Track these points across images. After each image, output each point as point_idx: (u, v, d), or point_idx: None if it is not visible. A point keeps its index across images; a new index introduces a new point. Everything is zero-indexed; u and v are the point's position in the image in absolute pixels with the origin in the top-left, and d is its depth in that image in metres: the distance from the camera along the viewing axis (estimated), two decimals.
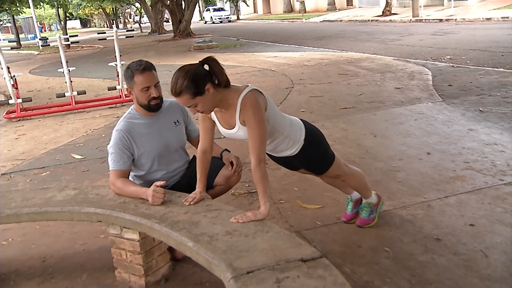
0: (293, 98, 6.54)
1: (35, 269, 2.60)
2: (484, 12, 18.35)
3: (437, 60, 8.64)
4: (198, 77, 1.97)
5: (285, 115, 2.30)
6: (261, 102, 2.05)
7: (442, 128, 4.47)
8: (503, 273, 2.17)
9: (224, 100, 2.06)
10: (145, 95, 2.39)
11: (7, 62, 7.05)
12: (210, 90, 1.99)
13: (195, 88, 1.96)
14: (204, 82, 1.98)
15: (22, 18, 42.29)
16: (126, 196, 2.36)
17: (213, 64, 2.02)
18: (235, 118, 2.07)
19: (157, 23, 32.96)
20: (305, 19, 30.04)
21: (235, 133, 2.14)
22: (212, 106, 2.08)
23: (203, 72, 2.00)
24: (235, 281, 1.57)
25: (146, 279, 2.30)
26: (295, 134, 2.27)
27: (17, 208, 2.38)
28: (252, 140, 2.02)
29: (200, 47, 16.31)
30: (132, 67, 2.39)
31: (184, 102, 2.01)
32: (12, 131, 6.27)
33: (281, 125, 2.21)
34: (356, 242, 2.56)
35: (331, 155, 2.43)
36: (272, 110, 2.15)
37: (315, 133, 2.39)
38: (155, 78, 2.42)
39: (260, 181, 2.02)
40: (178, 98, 2.00)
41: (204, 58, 2.04)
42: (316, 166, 2.46)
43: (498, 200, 2.88)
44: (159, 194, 2.22)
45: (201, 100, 2.00)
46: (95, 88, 9.17)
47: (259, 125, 2.01)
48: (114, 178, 2.39)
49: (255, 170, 2.01)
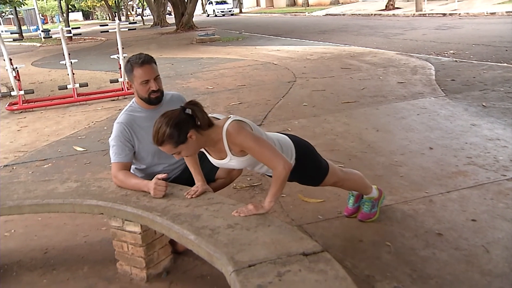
0: (295, 92, 6.52)
1: (37, 260, 2.61)
2: (489, 6, 18.23)
3: (440, 55, 8.60)
4: (180, 125, 1.94)
5: (273, 138, 2.24)
6: (245, 126, 2.02)
7: (445, 123, 4.46)
8: (504, 269, 2.17)
9: (209, 140, 2.04)
10: (145, 88, 2.39)
11: (9, 54, 7.04)
12: (193, 137, 1.97)
13: (178, 136, 1.94)
14: (186, 129, 1.95)
15: (24, 10, 42.18)
16: (128, 188, 2.36)
17: (195, 109, 1.98)
18: (225, 150, 2.05)
19: (159, 15, 32.85)
20: (307, 12, 29.91)
21: (228, 163, 2.12)
22: (196, 150, 2.09)
23: (185, 119, 1.96)
24: (237, 274, 1.57)
25: (148, 271, 2.31)
26: (286, 156, 2.22)
27: (19, 200, 2.39)
28: (262, 158, 2.01)
29: (202, 40, 16.26)
30: (131, 60, 2.39)
31: (167, 150, 2.00)
32: (14, 123, 6.27)
33: None
34: (358, 236, 2.56)
35: (325, 166, 2.41)
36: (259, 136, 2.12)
37: (305, 148, 2.36)
38: (155, 71, 2.41)
39: (279, 183, 2.00)
40: (161, 147, 1.99)
41: (186, 102, 2.01)
42: (311, 180, 2.46)
43: (500, 196, 2.87)
44: (161, 187, 2.22)
45: (184, 148, 1.99)
46: (97, 81, 9.16)
47: (256, 141, 1.99)
48: (115, 170, 2.40)
49: (281, 172, 1.97)
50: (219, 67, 9.60)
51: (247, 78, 7.94)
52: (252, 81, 7.61)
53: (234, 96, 6.62)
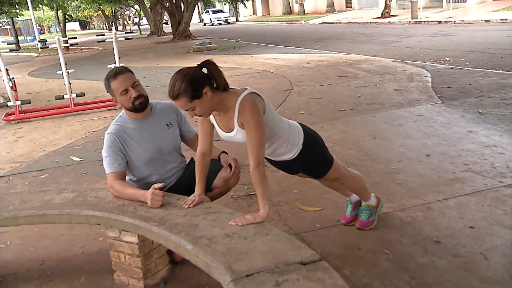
0: (292, 100, 6.54)
1: (33, 271, 2.59)
2: (483, 14, 18.38)
3: (436, 62, 8.65)
4: (196, 80, 1.96)
5: (284, 119, 2.29)
6: (259, 105, 2.04)
7: (442, 130, 4.47)
8: (503, 276, 2.16)
9: (223, 103, 2.05)
10: (126, 98, 2.39)
11: (6, 64, 7.05)
12: (208, 94, 1.98)
13: (193, 91, 1.95)
14: (202, 85, 1.97)
15: (21, 20, 42.28)
16: (125, 198, 2.35)
17: (212, 67, 2.01)
18: (234, 121, 2.07)
19: (156, 25, 32.98)
20: (304, 21, 30.07)
21: (234, 136, 2.13)
22: (210, 110, 2.07)
23: (201, 75, 1.99)
24: (234, 284, 1.56)
25: (145, 282, 2.29)
26: (293, 138, 2.27)
27: (15, 211, 2.37)
28: (250, 142, 2.01)
29: (199, 49, 16.31)
30: (107, 76, 2.41)
31: (182, 105, 2.00)
32: (11, 133, 6.25)
33: (279, 129, 2.20)
34: (356, 244, 2.55)
35: (330, 159, 2.42)
36: (270, 114, 2.14)
37: (313, 137, 2.38)
38: (132, 79, 2.41)
39: (259, 184, 2.01)
40: (176, 101, 1.99)
41: (203, 61, 2.04)
42: (315, 170, 2.45)
43: (498, 202, 2.87)
44: (158, 197, 2.22)
45: (199, 104, 1.99)
46: (94, 90, 9.16)
47: (258, 127, 2.00)
48: (111, 181, 2.39)
49: (254, 172, 2.00)
50: None
51: (244, 87, 7.94)
52: None
53: None
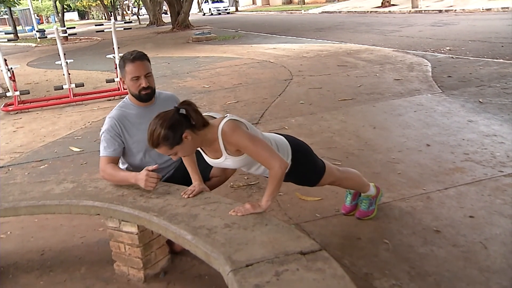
0: (292, 90, 6.51)
1: (33, 262, 2.60)
2: (484, 2, 18.25)
3: (437, 51, 8.60)
4: (175, 127, 1.92)
5: (270, 138, 2.23)
6: (241, 126, 2.01)
7: (442, 119, 4.46)
8: (502, 265, 2.17)
9: (205, 139, 2.02)
10: (136, 84, 2.40)
11: (4, 54, 7.01)
12: (189, 137, 1.95)
13: (173, 138, 1.92)
14: (181, 130, 1.93)
15: (19, 10, 42.04)
16: (116, 182, 2.37)
17: (189, 108, 1.96)
18: (221, 150, 2.04)
19: (155, 15, 32.77)
20: (304, 10, 29.90)
21: (223, 162, 2.11)
22: (192, 150, 2.07)
23: (179, 119, 1.94)
24: (234, 274, 1.56)
25: (145, 272, 2.30)
26: (282, 156, 2.22)
27: (15, 202, 2.37)
28: (261, 158, 1.98)
29: (198, 39, 16.23)
30: (124, 56, 2.42)
31: (164, 152, 1.99)
32: (10, 124, 6.24)
33: None
34: (355, 234, 2.56)
35: (321, 166, 2.40)
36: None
37: (301, 149, 2.34)
38: (146, 68, 2.41)
39: (276, 182, 1.98)
40: (157, 149, 1.97)
41: (180, 102, 2.00)
42: (308, 180, 2.45)
43: (498, 192, 2.87)
44: (152, 179, 2.20)
45: (180, 148, 1.97)
46: (93, 81, 9.13)
47: (253, 141, 1.97)
48: (103, 164, 2.41)
49: (278, 171, 1.96)
50: (215, 66, 9.58)
51: (243, 77, 7.92)
52: (249, 80, 7.60)
53: (231, 94, 6.60)
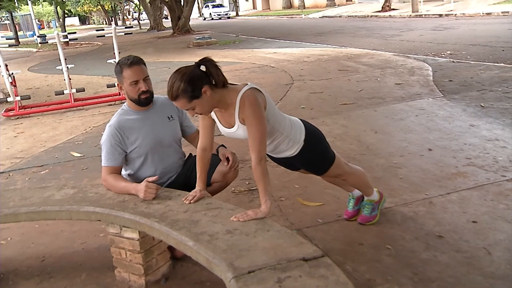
0: (292, 94, 6.51)
1: (33, 268, 2.58)
2: (484, 6, 18.28)
3: (437, 56, 8.60)
4: (194, 80, 1.93)
5: (285, 115, 2.27)
6: (260, 100, 2.02)
7: (443, 124, 4.44)
8: (506, 271, 2.15)
9: (223, 100, 2.03)
10: (134, 89, 2.40)
11: (5, 60, 7.01)
12: (207, 93, 1.96)
13: (192, 91, 1.93)
14: (200, 84, 1.94)
15: (20, 15, 42.18)
16: (117, 191, 2.36)
17: (209, 65, 1.99)
18: (235, 117, 2.05)
19: (156, 19, 32.85)
20: (304, 15, 29.94)
21: (235, 132, 2.11)
22: (210, 108, 2.06)
23: (199, 74, 1.97)
24: (236, 281, 1.54)
25: (146, 278, 2.28)
26: (295, 135, 2.25)
27: (15, 207, 2.36)
28: (252, 137, 1.99)
29: (199, 43, 16.25)
30: (121, 62, 2.42)
31: (182, 105, 1.99)
32: (11, 129, 6.24)
33: (281, 125, 2.19)
34: (358, 239, 2.54)
35: (332, 155, 2.40)
36: (272, 110, 2.12)
37: (315, 133, 2.36)
38: (144, 72, 2.42)
39: (261, 179, 1.99)
40: (175, 102, 1.98)
41: (200, 59, 2.01)
42: (316, 166, 2.43)
43: (501, 197, 2.86)
44: (151, 190, 2.22)
45: (198, 103, 1.97)
46: (94, 86, 9.13)
47: (259, 122, 1.99)
48: (105, 174, 2.41)
49: (255, 168, 1.98)
50: None
51: (244, 81, 7.91)
52: None
53: None
